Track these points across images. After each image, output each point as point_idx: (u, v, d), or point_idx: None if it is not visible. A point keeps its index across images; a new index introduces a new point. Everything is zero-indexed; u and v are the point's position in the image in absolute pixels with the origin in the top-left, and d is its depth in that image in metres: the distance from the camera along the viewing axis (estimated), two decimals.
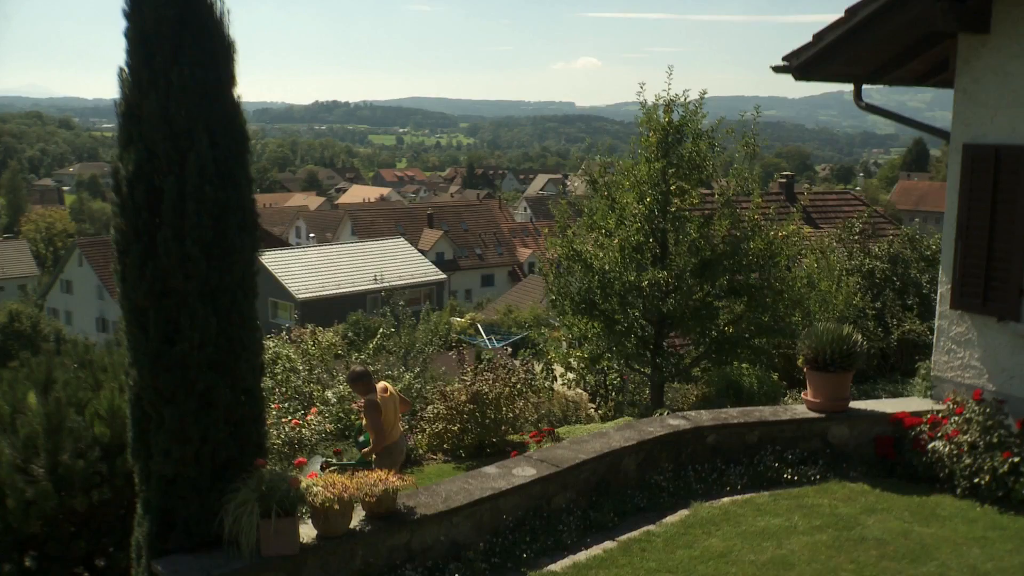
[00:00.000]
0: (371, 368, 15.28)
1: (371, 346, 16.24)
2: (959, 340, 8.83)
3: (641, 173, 14.25)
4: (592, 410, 17.58)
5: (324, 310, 49.75)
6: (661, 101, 14.46)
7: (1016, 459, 7.70)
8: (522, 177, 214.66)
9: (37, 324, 54.09)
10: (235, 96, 5.51)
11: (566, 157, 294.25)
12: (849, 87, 9.74)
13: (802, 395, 9.22)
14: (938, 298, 9.11)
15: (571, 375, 17.86)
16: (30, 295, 76.60)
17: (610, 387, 18.15)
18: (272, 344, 15.09)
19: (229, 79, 5.47)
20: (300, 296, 51.95)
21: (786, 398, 13.73)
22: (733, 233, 14.03)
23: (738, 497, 8.01)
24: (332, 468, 9.27)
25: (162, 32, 5.23)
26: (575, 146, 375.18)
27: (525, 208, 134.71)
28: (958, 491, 7.97)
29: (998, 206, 8.28)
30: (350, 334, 41.31)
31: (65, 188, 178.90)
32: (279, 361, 14.80)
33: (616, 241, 14.25)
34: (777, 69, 9.31)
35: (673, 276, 13.82)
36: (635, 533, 7.26)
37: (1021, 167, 8.08)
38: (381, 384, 8.36)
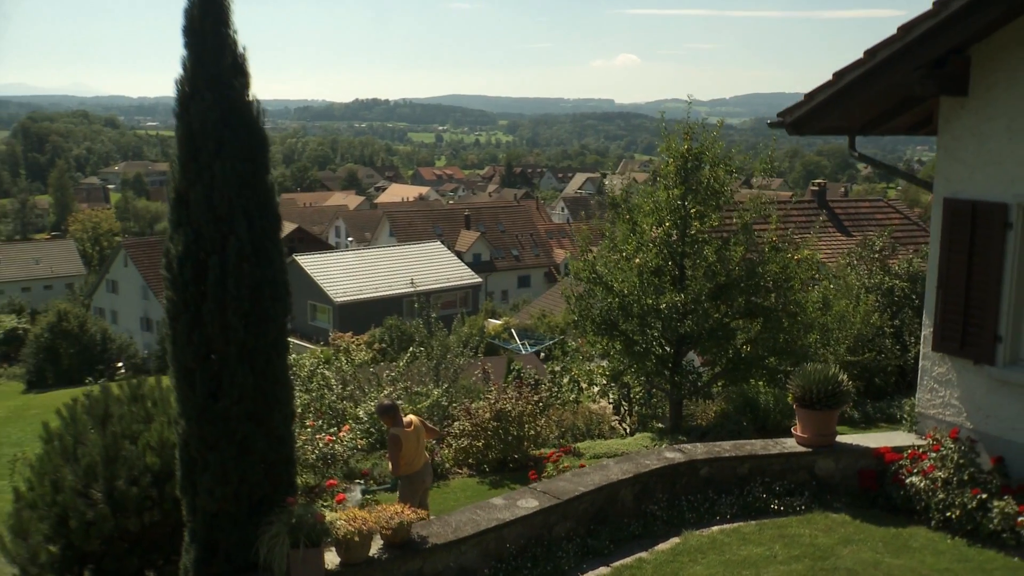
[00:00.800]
0: (400, 385, 16.14)
1: (401, 365, 17.04)
2: (940, 380, 9.46)
3: (660, 199, 14.75)
4: (616, 422, 18.21)
5: (361, 313, 50.78)
6: (681, 128, 14.96)
7: (984, 495, 8.36)
8: (560, 176, 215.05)
9: (84, 323, 55.63)
10: (269, 183, 6.36)
11: (605, 155, 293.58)
12: None
13: (792, 430, 9.88)
14: (922, 340, 9.73)
15: (595, 388, 18.44)
16: (77, 294, 78.67)
17: (634, 400, 18.70)
18: (308, 363, 15.97)
19: (264, 168, 6.32)
20: (338, 300, 52.95)
21: None
22: (749, 257, 14.44)
23: (727, 526, 8.73)
24: (373, 492, 10.16)
25: (207, 131, 6.08)
26: (614, 143, 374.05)
27: (562, 208, 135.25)
28: (932, 523, 8.63)
29: (975, 258, 8.90)
30: (385, 339, 42.34)
31: (110, 186, 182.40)
32: (314, 378, 15.68)
33: (636, 263, 14.74)
34: (773, 124, 9.99)
35: (690, 299, 14.28)
36: (628, 560, 8.02)
37: (995, 222, 8.70)
38: (408, 418, 9.05)
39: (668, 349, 15.22)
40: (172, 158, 6.25)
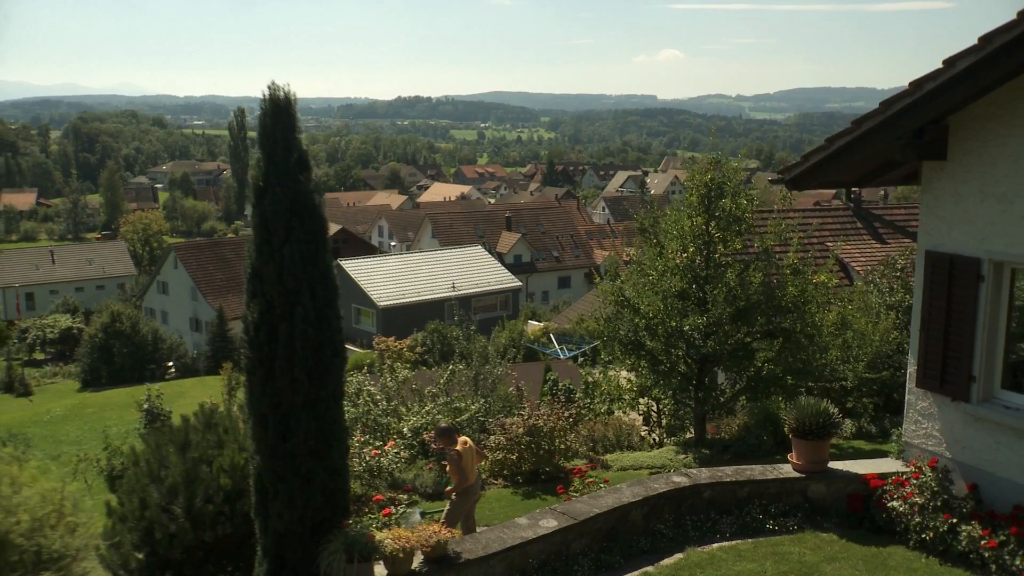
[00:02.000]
0: (441, 401, 17.37)
1: (441, 382, 18.26)
2: (924, 413, 10.49)
3: (684, 227, 15.69)
4: (645, 432, 19.25)
5: (404, 317, 52.23)
6: (706, 160, 15.88)
7: (954, 520, 9.42)
8: (602, 174, 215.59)
9: (136, 324, 57.54)
10: (328, 260, 7.65)
11: (647, 151, 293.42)
12: None
13: (788, 457, 10.97)
14: (907, 376, 10.77)
15: (625, 400, 19.44)
16: (128, 295, 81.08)
17: (663, 412, 19.71)
18: (355, 380, 17.25)
19: (324, 248, 7.61)
20: (381, 304, 54.38)
21: None
22: (768, 281, 15.21)
23: (726, 544, 9.86)
24: (429, 516, 11.60)
25: (278, 219, 7.38)
26: (657, 140, 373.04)
27: (603, 208, 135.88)
28: (910, 544, 9.68)
29: (952, 306, 9.92)
30: (427, 343, 43.66)
31: (158, 186, 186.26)
32: (361, 395, 16.96)
33: (663, 285, 15.66)
34: (774, 181, 11.10)
35: (712, 322, 15.09)
36: (636, 573, 9.20)
37: (970, 275, 9.72)
38: (462, 439, 10.69)
39: (692, 367, 16.13)
40: (248, 241, 7.55)
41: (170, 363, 59.11)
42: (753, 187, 16.12)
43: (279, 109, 7.41)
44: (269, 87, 7.41)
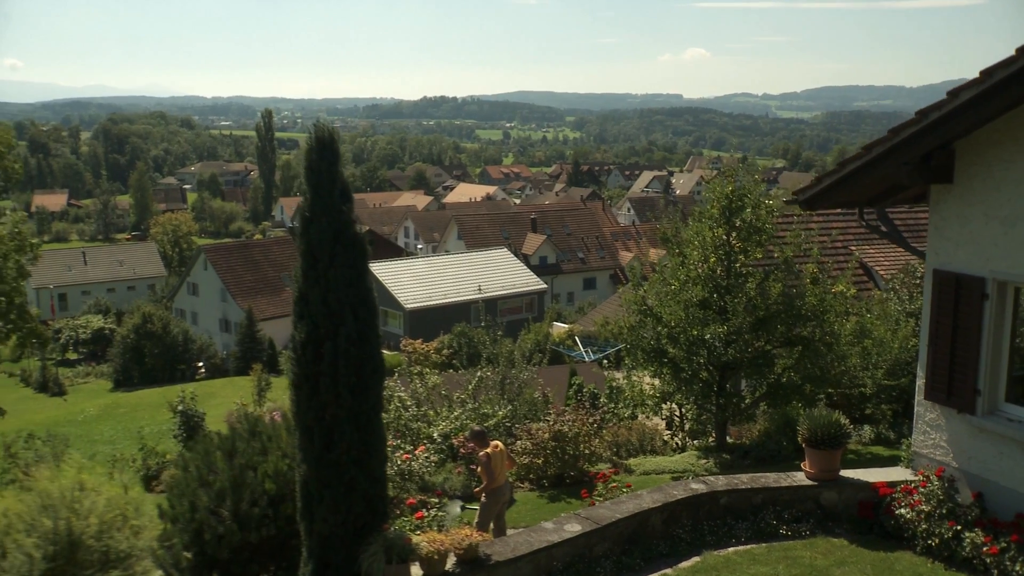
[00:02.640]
0: (469, 406, 17.95)
1: (470, 389, 18.83)
2: (932, 424, 10.97)
3: (706, 237, 16.14)
4: (668, 436, 19.74)
5: (431, 319, 52.92)
6: (726, 171, 16.32)
7: (959, 527, 9.91)
8: (628, 173, 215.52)
9: (167, 325, 58.57)
10: (369, 284, 8.27)
11: (673, 151, 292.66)
12: None
13: (801, 465, 11.49)
14: (916, 389, 11.25)
15: (648, 405, 19.92)
16: (159, 295, 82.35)
17: (685, 417, 20.18)
18: (387, 386, 17.84)
19: (365, 273, 8.24)
20: (409, 306, 55.10)
21: None
22: (788, 291, 15.61)
23: (741, 548, 10.40)
24: (467, 509, 12.29)
25: (323, 247, 8.03)
26: (682, 139, 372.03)
27: (628, 209, 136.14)
28: (917, 549, 10.19)
29: (958, 322, 10.40)
30: (454, 345, 44.27)
31: (187, 187, 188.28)
32: (392, 401, 17.58)
33: (684, 296, 16.12)
34: (789, 201, 11.61)
35: (732, 331, 15.54)
36: (655, 575, 9.76)
37: (975, 293, 10.20)
38: (494, 442, 11.43)
39: (713, 375, 16.54)
40: (296, 267, 8.22)
41: (200, 364, 60.13)
42: (780, 188, 16.47)
43: (324, 145, 8.05)
44: (315, 124, 8.06)
